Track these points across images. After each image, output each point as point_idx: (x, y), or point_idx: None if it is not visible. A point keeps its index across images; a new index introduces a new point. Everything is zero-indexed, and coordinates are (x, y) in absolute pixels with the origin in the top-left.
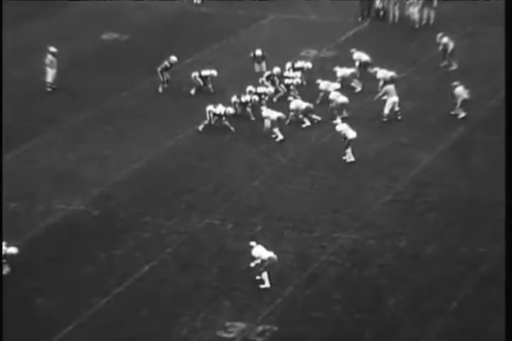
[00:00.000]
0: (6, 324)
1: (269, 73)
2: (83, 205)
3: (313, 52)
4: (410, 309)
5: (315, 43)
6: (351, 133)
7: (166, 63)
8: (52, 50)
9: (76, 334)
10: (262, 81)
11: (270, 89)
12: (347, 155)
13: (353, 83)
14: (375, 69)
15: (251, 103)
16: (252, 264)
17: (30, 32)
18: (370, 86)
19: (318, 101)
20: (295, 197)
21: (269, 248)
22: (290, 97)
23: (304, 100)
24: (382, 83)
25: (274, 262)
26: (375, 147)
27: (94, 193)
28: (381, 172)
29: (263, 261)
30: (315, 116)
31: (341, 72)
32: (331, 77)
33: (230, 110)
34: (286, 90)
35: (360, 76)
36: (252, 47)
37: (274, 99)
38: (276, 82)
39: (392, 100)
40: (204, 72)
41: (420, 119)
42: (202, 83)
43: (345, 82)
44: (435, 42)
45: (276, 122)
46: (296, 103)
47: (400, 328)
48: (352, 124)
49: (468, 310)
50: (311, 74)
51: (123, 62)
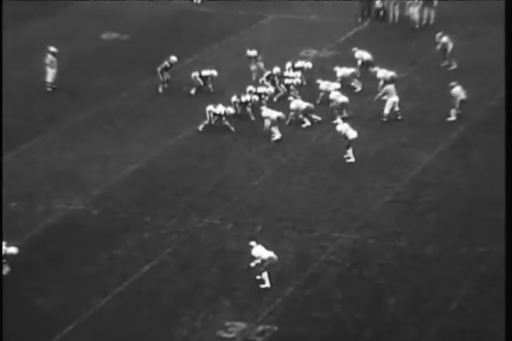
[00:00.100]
0: (6, 324)
1: (269, 73)
2: (83, 205)
3: (313, 52)
4: (410, 309)
5: (315, 43)
6: (352, 134)
7: (166, 63)
8: (52, 50)
9: (76, 334)
10: (262, 81)
11: (270, 89)
12: (347, 155)
13: (353, 83)
14: (375, 69)
15: (251, 103)
16: (252, 264)
17: (30, 32)
18: (370, 86)
19: (319, 101)
20: (295, 197)
21: (269, 248)
22: (290, 97)
23: (304, 100)
24: (382, 83)
25: (274, 262)
26: (375, 147)
27: (94, 193)
28: (381, 172)
29: (263, 261)
30: (315, 116)
31: (341, 72)
32: (331, 77)
33: (230, 110)
34: (286, 90)
35: (361, 75)
36: (252, 47)
37: (275, 99)
38: (276, 82)
39: (392, 100)
40: (204, 72)
41: (420, 119)
42: (202, 83)
43: (345, 81)
44: (435, 42)
45: (276, 122)
46: (297, 103)
47: (400, 328)
48: (352, 124)
49: (468, 310)
50: (311, 74)
51: (123, 62)
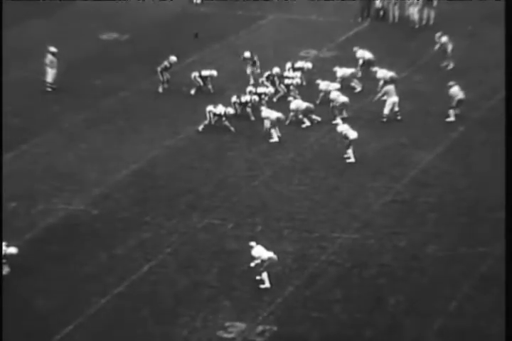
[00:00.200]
0: (6, 324)
1: (268, 73)
2: (83, 205)
3: (313, 52)
4: (410, 309)
5: (315, 43)
6: (352, 134)
7: (166, 63)
8: (52, 50)
9: (76, 334)
10: (261, 81)
11: (270, 89)
12: (347, 155)
13: (352, 83)
14: (375, 69)
15: (251, 103)
16: (252, 264)
17: (30, 32)
18: (370, 86)
19: (318, 102)
20: (295, 197)
21: (269, 248)
22: (290, 97)
23: (304, 100)
24: (382, 83)
25: (274, 262)
26: (375, 147)
27: (94, 193)
28: (381, 172)
29: (263, 261)
30: (315, 117)
31: (341, 72)
32: (331, 77)
33: (230, 110)
34: (286, 90)
35: (362, 74)
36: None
37: (274, 99)
38: (276, 82)
39: (392, 100)
40: (204, 72)
41: (420, 119)
42: (202, 83)
43: (345, 82)
44: (435, 42)
45: (276, 122)
46: (296, 103)
47: (400, 328)
48: (352, 124)
49: (468, 310)
50: (311, 75)
51: (123, 62)
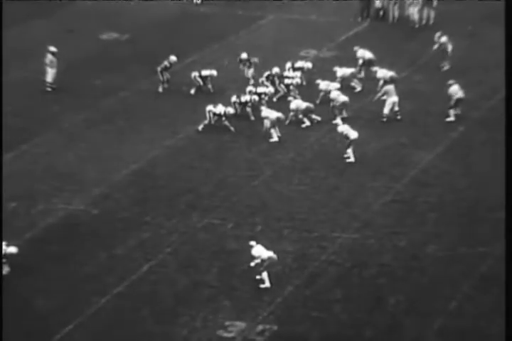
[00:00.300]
0: (6, 324)
1: (268, 73)
2: (83, 205)
3: (313, 52)
4: (410, 309)
5: (315, 43)
6: (353, 134)
7: (166, 63)
8: (52, 49)
9: (76, 334)
10: (261, 81)
11: (270, 89)
12: (347, 154)
13: (352, 83)
14: (375, 69)
15: (251, 103)
16: (252, 264)
17: (30, 32)
18: (370, 86)
19: (318, 101)
20: (295, 197)
21: (269, 248)
22: (290, 97)
23: (304, 100)
24: (381, 83)
25: (274, 262)
26: (375, 147)
27: (94, 193)
28: (381, 172)
29: (263, 261)
30: (315, 116)
31: (341, 71)
32: (331, 77)
33: (230, 110)
34: (286, 90)
35: (363, 74)
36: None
37: (274, 99)
38: (276, 82)
39: (391, 100)
40: (204, 72)
41: (420, 119)
42: (202, 83)
43: (345, 81)
44: (434, 41)
45: (276, 122)
46: (296, 103)
47: (400, 328)
48: (352, 124)
49: (468, 310)
50: (311, 74)
51: (123, 62)
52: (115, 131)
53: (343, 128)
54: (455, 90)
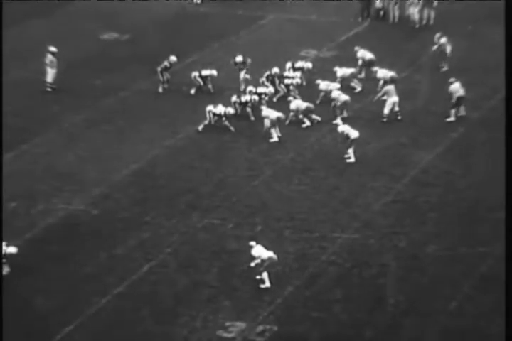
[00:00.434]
0: (6, 324)
1: (268, 73)
2: (83, 205)
3: (313, 52)
4: (410, 309)
5: (315, 43)
6: (354, 133)
7: (166, 63)
8: (52, 49)
9: (76, 334)
10: (262, 81)
11: (270, 89)
12: (348, 154)
13: (352, 83)
14: (375, 69)
15: (251, 103)
16: (252, 264)
17: (30, 32)
18: (370, 86)
19: (318, 101)
20: (295, 197)
21: (269, 248)
22: (290, 97)
23: (304, 100)
24: (382, 83)
25: (274, 262)
26: (375, 147)
27: (94, 193)
28: (381, 172)
29: (263, 261)
30: (315, 116)
31: (341, 72)
32: (331, 77)
33: (230, 110)
34: (286, 90)
35: (363, 75)
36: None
37: (274, 99)
38: (276, 82)
39: (392, 100)
40: (204, 72)
41: (420, 119)
42: (202, 83)
43: (345, 82)
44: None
45: (276, 122)
46: (296, 103)
47: (400, 328)
48: (352, 124)
49: (468, 310)
50: (311, 74)
51: (123, 62)
52: (115, 131)
53: (344, 127)
54: (456, 88)
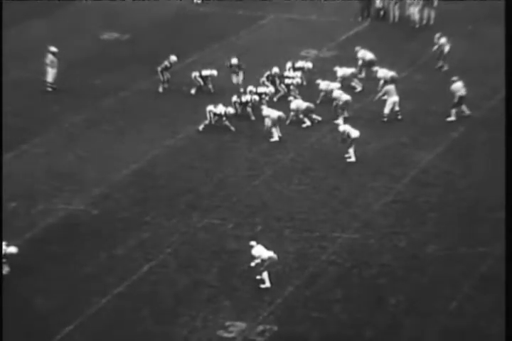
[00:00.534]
0: (6, 324)
1: (268, 73)
2: (83, 205)
3: (313, 52)
4: (410, 309)
5: (315, 43)
6: (354, 133)
7: (166, 63)
8: (52, 49)
9: (76, 334)
10: (262, 81)
11: (271, 88)
12: (348, 154)
13: (353, 83)
14: (375, 69)
15: (251, 103)
16: (252, 264)
17: (30, 32)
18: (370, 86)
19: (319, 101)
20: (295, 197)
21: (269, 248)
22: (290, 97)
23: (304, 100)
24: (382, 83)
25: (274, 262)
26: (375, 147)
27: (94, 193)
28: (381, 172)
29: (263, 261)
30: (315, 116)
31: (341, 71)
32: (331, 77)
33: (231, 110)
34: (286, 90)
35: (364, 74)
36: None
37: (275, 99)
38: (277, 82)
39: (392, 100)
40: (204, 72)
41: (420, 119)
42: (202, 83)
43: (345, 81)
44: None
45: (277, 121)
46: (297, 103)
47: (400, 328)
48: (352, 124)
49: (468, 310)
50: (311, 74)
51: (123, 62)
52: (115, 131)
53: (345, 127)
54: (458, 87)
